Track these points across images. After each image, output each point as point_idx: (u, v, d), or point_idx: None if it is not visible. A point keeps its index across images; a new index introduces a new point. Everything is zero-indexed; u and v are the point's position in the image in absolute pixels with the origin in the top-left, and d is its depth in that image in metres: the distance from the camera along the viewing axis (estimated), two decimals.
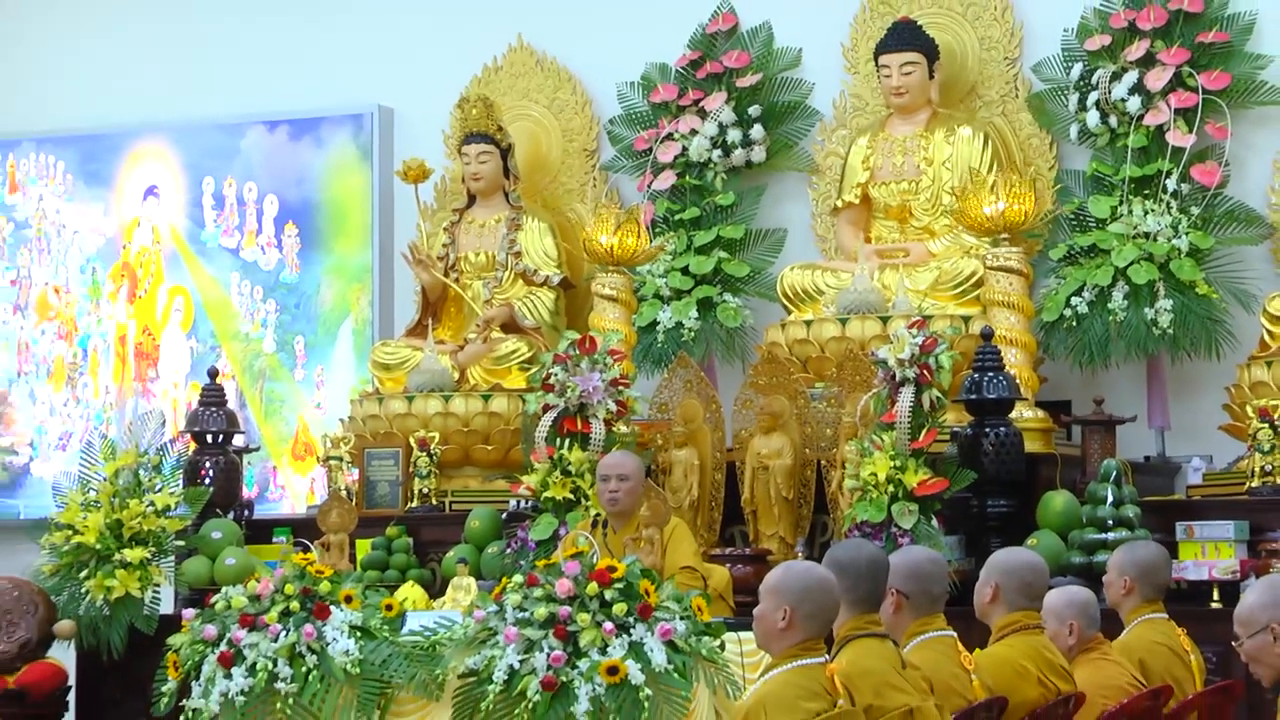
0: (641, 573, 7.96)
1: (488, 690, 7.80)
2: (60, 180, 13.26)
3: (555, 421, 10.16)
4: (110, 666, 10.44)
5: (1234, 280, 10.67)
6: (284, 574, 8.51)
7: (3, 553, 12.44)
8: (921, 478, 9.38)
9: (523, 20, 12.16)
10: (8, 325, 13.33)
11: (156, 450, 10.83)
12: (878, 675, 6.28)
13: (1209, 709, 7.49)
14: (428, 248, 11.71)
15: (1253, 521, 9.41)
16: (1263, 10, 10.81)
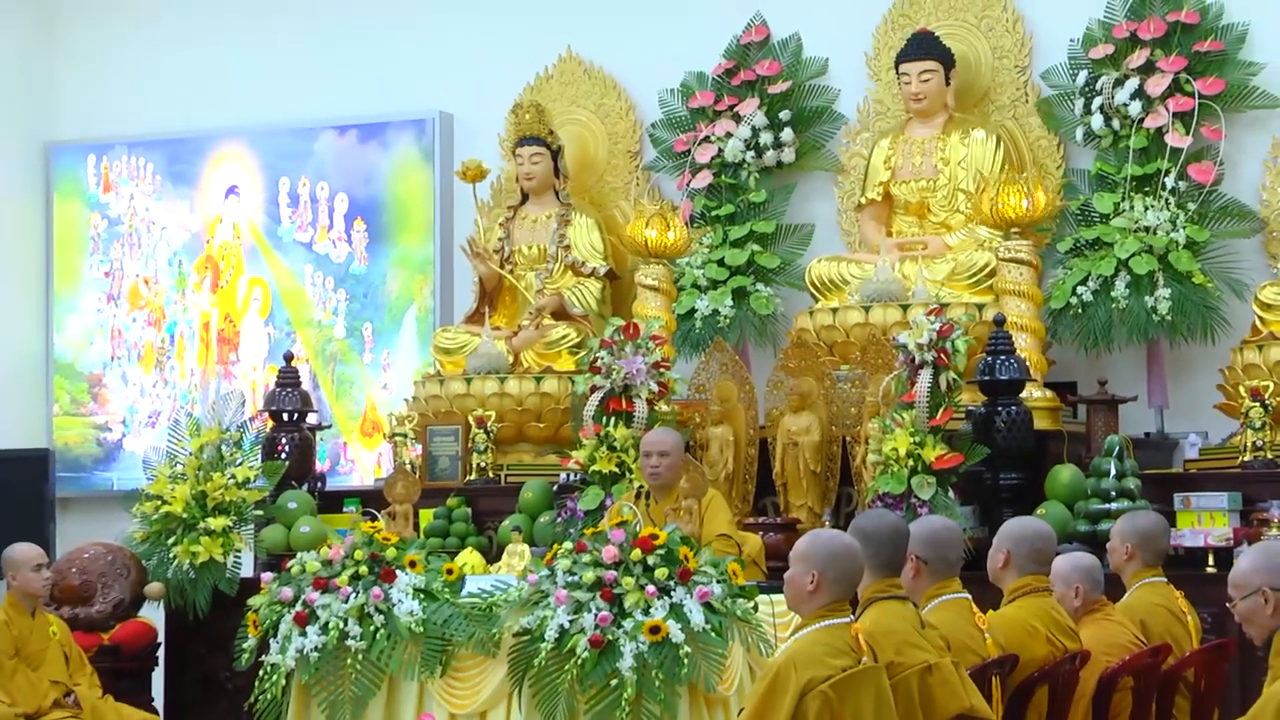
0: (681, 540, 7.97)
1: (540, 648, 7.81)
2: (149, 181, 13.28)
3: (602, 401, 10.19)
4: (195, 625, 10.49)
5: (1228, 270, 10.63)
6: (354, 541, 8.54)
7: (98, 521, 12.49)
8: (939, 453, 9.38)
9: (572, 33, 12.16)
10: (102, 314, 13.36)
11: (237, 427, 10.88)
12: (899, 634, 6.27)
13: (1204, 666, 7.46)
14: (485, 242, 11.72)
15: (1245, 493, 9.40)
16: (1254, 22, 10.77)
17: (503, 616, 8.10)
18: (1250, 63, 10.77)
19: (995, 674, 6.65)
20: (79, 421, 13.34)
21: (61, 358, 13.41)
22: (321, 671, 8.33)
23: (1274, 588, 5.83)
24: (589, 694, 7.75)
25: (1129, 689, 7.07)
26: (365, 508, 10.54)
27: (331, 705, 8.31)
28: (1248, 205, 10.71)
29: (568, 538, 8.65)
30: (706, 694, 7.76)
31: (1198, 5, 10.79)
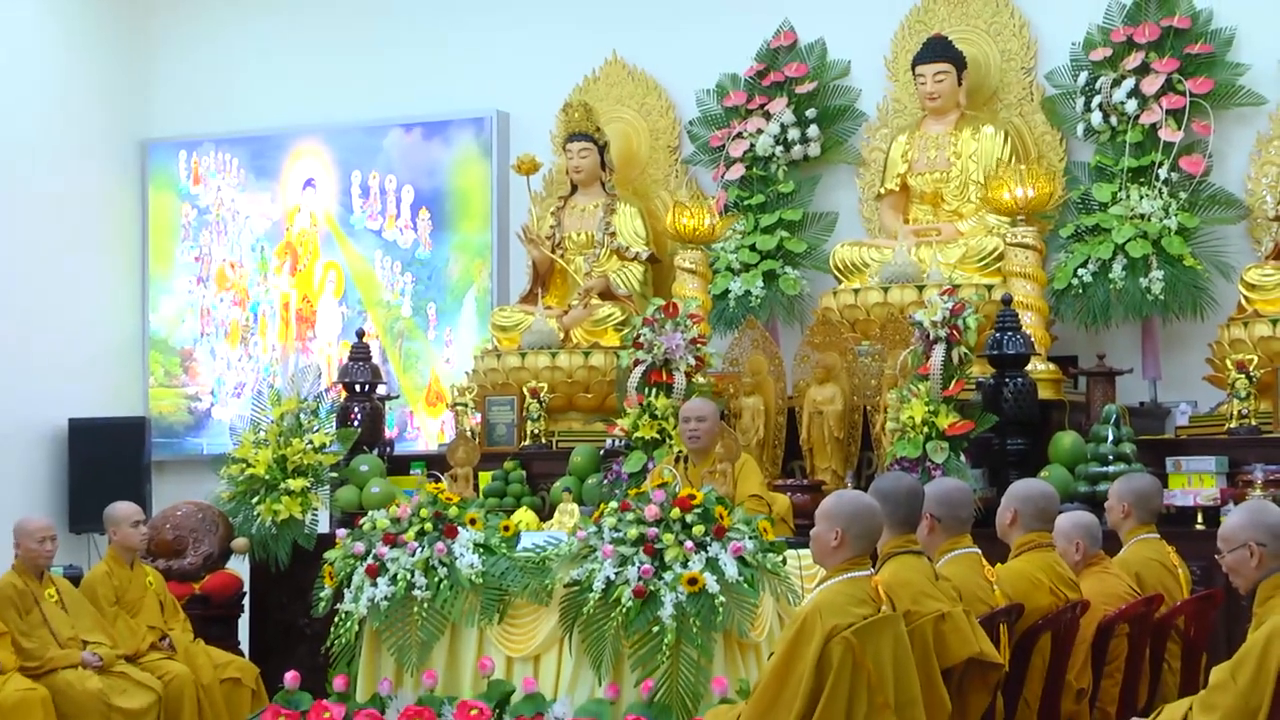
0: (717, 500, 7.97)
1: (589, 597, 7.81)
2: (235, 174, 13.31)
3: (644, 374, 10.20)
4: (277, 576, 10.53)
5: (1216, 254, 10.61)
6: (419, 500, 8.56)
7: (189, 482, 12.54)
8: (951, 420, 9.37)
9: (617, 38, 12.14)
10: (192, 294, 13.40)
11: (314, 398, 10.90)
12: (915, 586, 6.27)
13: (1194, 615, 7.45)
14: (538, 229, 11.72)
15: (1231, 457, 9.40)
16: (1241, 26, 10.73)
17: (554, 569, 8.11)
18: (1237, 64, 10.74)
19: (1003, 622, 6.63)
20: (172, 392, 13.38)
21: (156, 334, 13.46)
22: (391, 619, 8.36)
23: (1259, 543, 5.82)
24: (633, 639, 7.76)
25: (1125, 635, 7.06)
26: (430, 470, 10.56)
27: (400, 650, 8.33)
28: (1234, 194, 10.69)
29: (613, 497, 8.64)
30: (740, 640, 7.75)
31: (1189, 11, 10.77)
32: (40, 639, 9.26)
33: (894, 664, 5.95)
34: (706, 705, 7.46)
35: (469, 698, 8.15)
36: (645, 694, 7.71)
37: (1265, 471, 9.18)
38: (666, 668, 7.68)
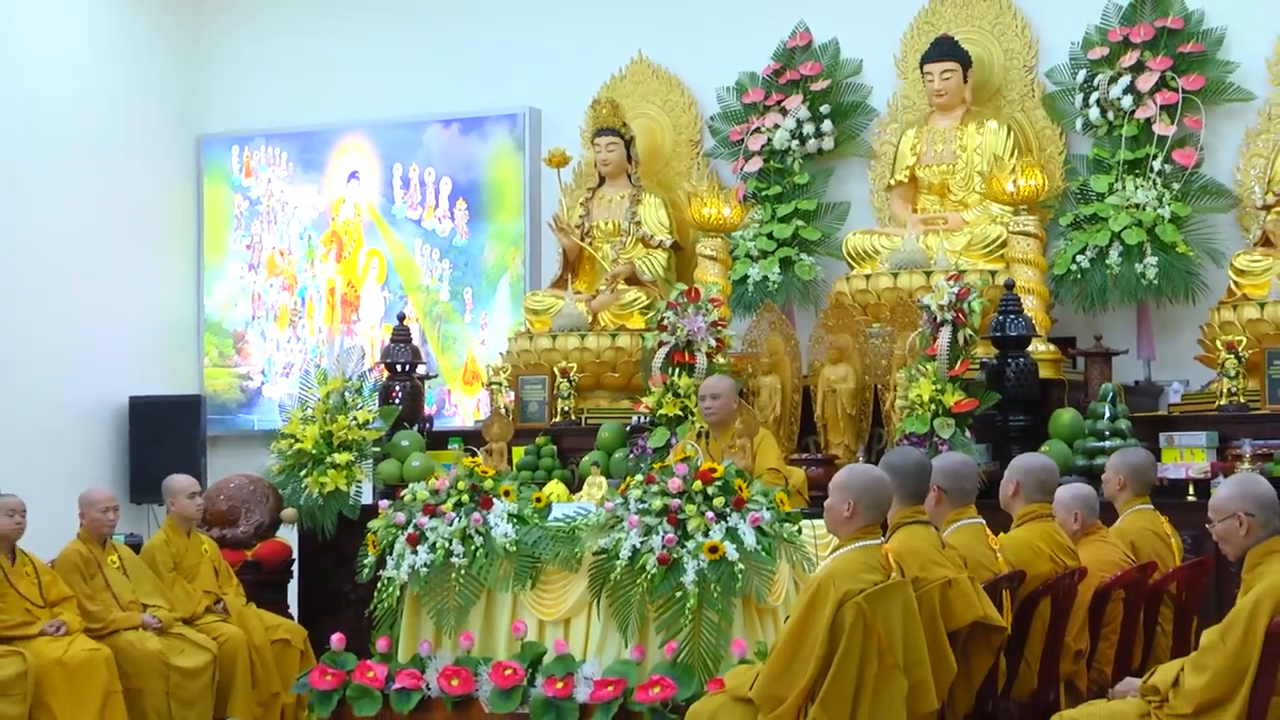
0: (736, 473, 7.97)
1: (615, 564, 7.82)
2: (283, 167, 13.31)
3: (668, 354, 10.19)
4: (323, 544, 10.55)
5: (1207, 241, 10.59)
6: (457, 473, 8.57)
7: (242, 456, 12.58)
8: (957, 398, 9.37)
9: (642, 39, 12.12)
10: (244, 280, 13.41)
11: (358, 377, 10.91)
12: (923, 554, 6.27)
13: (1185, 581, 7.45)
14: (568, 218, 11.72)
15: (1221, 432, 9.41)
16: (1230, 26, 10.70)
17: (584, 538, 8.11)
18: (1227, 62, 10.70)
19: (1005, 588, 6.63)
20: (225, 372, 13.41)
21: (211, 318, 13.48)
22: (430, 584, 8.37)
23: (1248, 513, 5.82)
24: (657, 604, 7.76)
25: (1120, 600, 7.06)
26: (467, 445, 10.57)
27: (439, 613, 8.35)
28: (1224, 185, 10.67)
29: (639, 471, 8.65)
30: (758, 604, 7.76)
31: (1181, 12, 10.74)
32: (104, 602, 9.30)
33: (903, 627, 5.95)
34: (726, 666, 7.46)
35: (504, 658, 8.17)
36: (669, 655, 7.72)
37: (1253, 446, 9.20)
38: (689, 630, 7.69)
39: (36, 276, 12.17)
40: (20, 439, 11.63)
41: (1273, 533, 5.83)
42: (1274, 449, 9.10)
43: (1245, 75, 10.68)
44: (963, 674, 6.32)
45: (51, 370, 12.21)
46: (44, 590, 9.08)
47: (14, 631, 8.81)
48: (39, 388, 12.10)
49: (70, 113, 12.57)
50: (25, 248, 12.12)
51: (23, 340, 11.99)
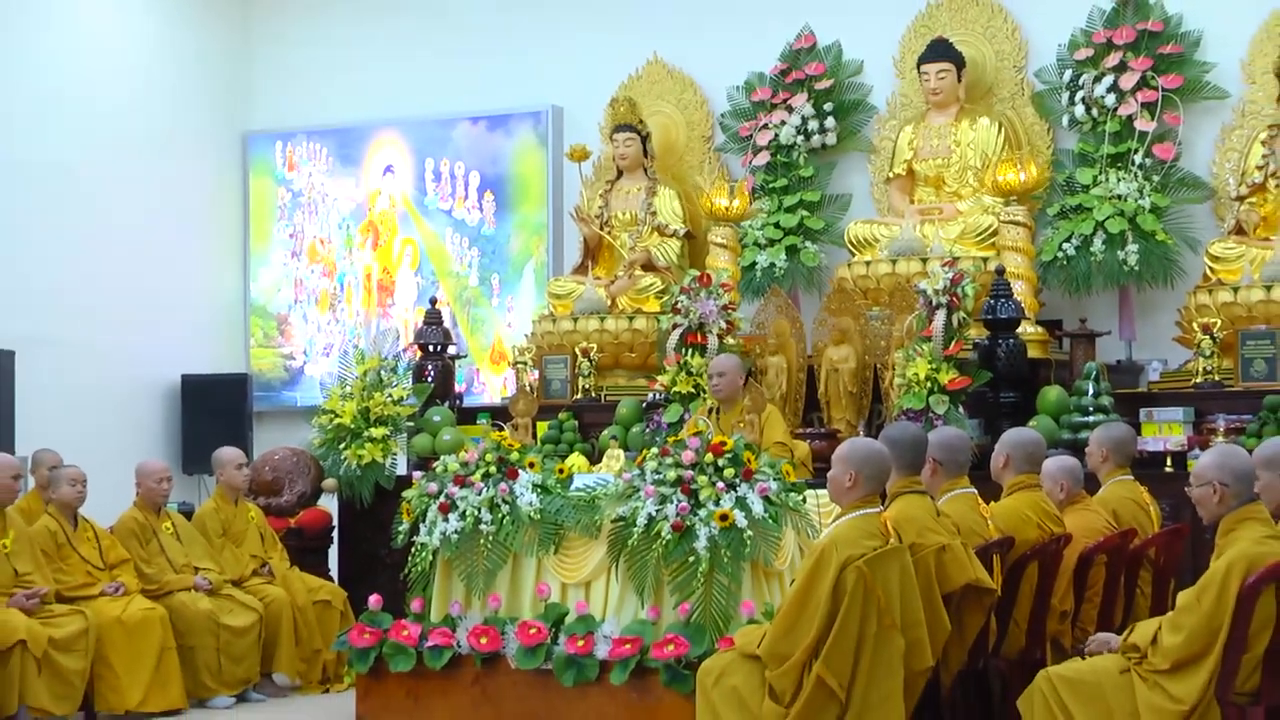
0: (745, 446, 7.96)
1: (632, 531, 7.81)
2: (324, 162, 13.32)
3: (681, 336, 10.18)
4: (361, 512, 10.57)
5: (1184, 230, 10.59)
6: (485, 446, 8.56)
7: (285, 430, 12.61)
8: (951, 376, 9.37)
9: (657, 42, 12.11)
10: (287, 266, 13.43)
11: (393, 357, 10.93)
12: (919, 521, 6.27)
13: (1163, 546, 7.45)
14: (588, 209, 11.72)
15: (1197, 408, 9.43)
16: (1207, 29, 10.71)
17: (603, 506, 8.11)
18: (1203, 62, 10.70)
19: (996, 553, 6.64)
20: (270, 352, 13.43)
21: (256, 301, 13.50)
22: (460, 550, 8.37)
23: (1223, 483, 5.83)
24: (671, 568, 7.76)
25: (1103, 564, 7.06)
26: (494, 420, 10.60)
27: (468, 576, 8.35)
28: (1201, 177, 10.67)
29: (655, 444, 8.65)
30: (765, 568, 7.75)
31: (1161, 16, 10.74)
32: (159, 566, 9.34)
33: (900, 589, 5.96)
34: (736, 625, 7.46)
35: (529, 618, 8.18)
36: (682, 615, 7.73)
37: (1226, 420, 9.22)
38: (701, 593, 7.69)
39: (98, 264, 12.20)
40: (82, 414, 11.67)
41: (1245, 502, 5.83)
42: (1246, 423, 9.11)
43: (1221, 75, 10.68)
44: (956, 633, 6.33)
45: (110, 351, 12.25)
46: (104, 554, 9.12)
47: (76, 592, 8.86)
48: (99, 367, 12.14)
49: (129, 113, 12.60)
50: (88, 238, 12.16)
51: (85, 324, 12.02)
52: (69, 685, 8.50)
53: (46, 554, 8.85)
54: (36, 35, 11.93)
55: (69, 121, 12.08)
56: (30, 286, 11.62)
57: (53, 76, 11.99)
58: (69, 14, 12.20)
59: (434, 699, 8.28)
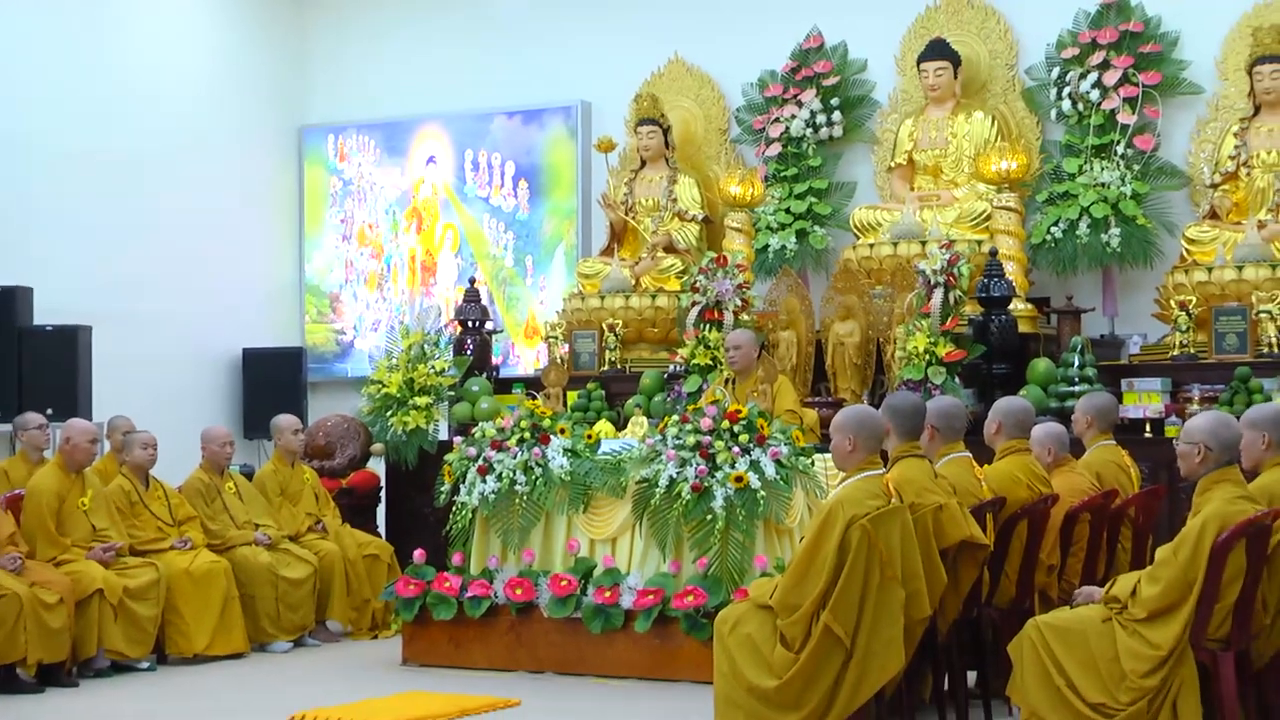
0: (758, 414, 7.98)
1: (655, 492, 7.86)
2: (372, 153, 13.31)
3: (700, 312, 10.20)
4: (406, 474, 10.60)
5: (1162, 214, 10.56)
6: (519, 414, 8.60)
7: (338, 399, 12.65)
8: (948, 350, 9.36)
9: (678, 42, 12.07)
10: (338, 249, 13.43)
11: (435, 332, 10.94)
12: (918, 483, 6.27)
13: (1142, 505, 7.44)
14: (614, 196, 11.71)
15: (1174, 378, 9.43)
16: (1184, 30, 10.67)
17: (628, 469, 8.14)
18: (1180, 60, 10.66)
19: (989, 512, 6.64)
20: (323, 327, 13.45)
21: (310, 281, 13.51)
22: (497, 508, 8.41)
23: (1208, 446, 5.81)
24: (691, 525, 7.79)
25: (1086, 522, 7.05)
26: (528, 390, 10.60)
27: (504, 533, 8.39)
28: (1178, 166, 10.65)
29: (675, 412, 8.66)
30: (776, 526, 7.78)
31: (1141, 17, 10.70)
32: (222, 522, 9.38)
33: (901, 545, 5.96)
34: (750, 578, 7.50)
35: (560, 571, 8.22)
36: (701, 569, 7.76)
37: (1200, 390, 9.23)
38: (718, 548, 7.72)
39: (167, 247, 12.23)
40: (153, 384, 11.70)
41: (1222, 465, 5.82)
42: (1219, 393, 9.10)
43: (1196, 72, 10.65)
44: (952, 585, 6.34)
45: (178, 326, 12.27)
46: (173, 511, 9.17)
47: (148, 546, 8.91)
48: (168, 341, 12.17)
49: (196, 110, 12.60)
50: (158, 223, 12.18)
51: (155, 302, 12.05)
52: (142, 631, 8.56)
53: (121, 511, 8.91)
54: (113, 40, 11.96)
55: (141, 117, 12.10)
56: (106, 268, 11.66)
57: (127, 76, 12.01)
58: (143, 20, 12.22)
59: (473, 645, 8.33)
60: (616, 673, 7.92)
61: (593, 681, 7.90)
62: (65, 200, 11.50)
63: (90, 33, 11.79)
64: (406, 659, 8.52)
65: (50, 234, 11.35)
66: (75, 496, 8.63)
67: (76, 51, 11.66)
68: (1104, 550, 7.16)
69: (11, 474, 9.13)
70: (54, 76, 11.46)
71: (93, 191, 11.69)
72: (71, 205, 11.53)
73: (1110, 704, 5.61)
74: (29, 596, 7.93)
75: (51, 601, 8.03)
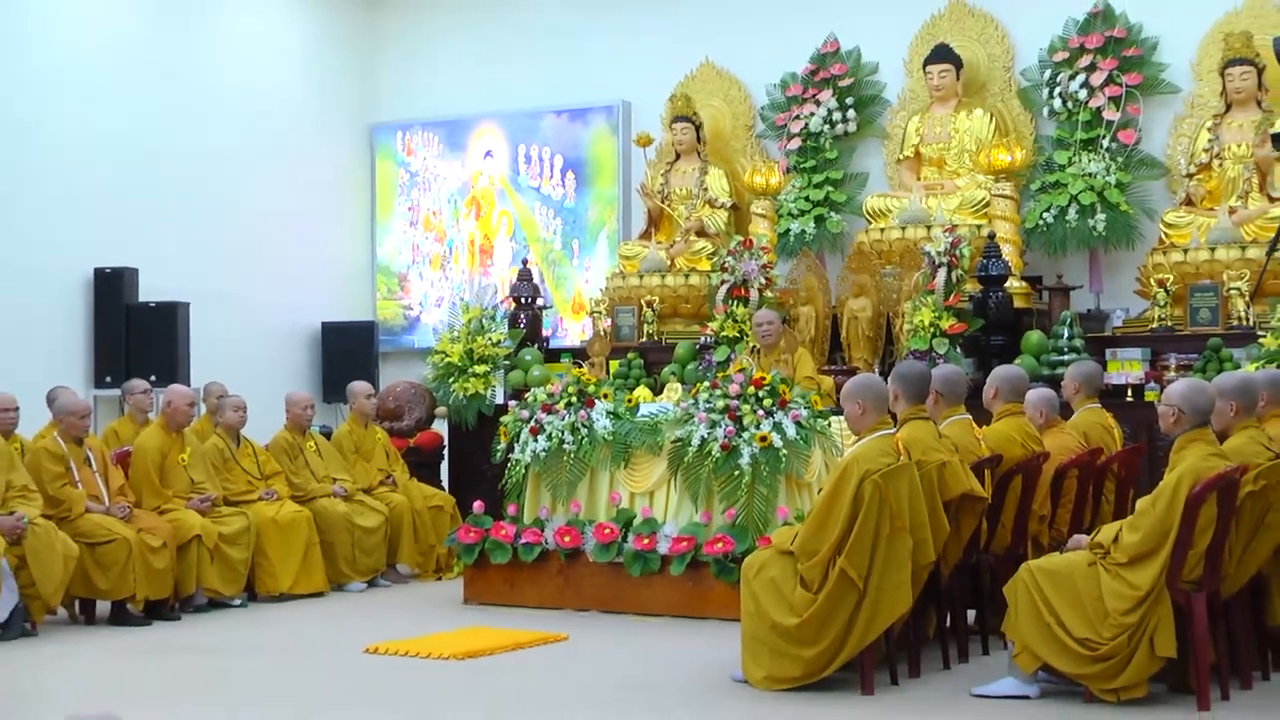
0: (780, 380, 7.98)
1: (688, 450, 7.87)
2: (435, 148, 13.33)
3: (728, 290, 10.21)
4: (467, 434, 10.65)
5: (1143, 201, 10.52)
6: (567, 380, 8.61)
7: (406, 367, 12.69)
8: (951, 323, 9.35)
9: (708, 48, 12.03)
10: (406, 234, 13.45)
11: (492, 307, 10.98)
12: (924, 442, 6.28)
13: (1124, 462, 7.44)
14: (651, 186, 11.70)
15: (1153, 349, 9.40)
16: (1162, 36, 10.61)
17: (664, 430, 8.16)
18: (1159, 63, 10.61)
19: (987, 468, 6.64)
20: (392, 303, 13.49)
21: (381, 263, 13.54)
22: (547, 465, 8.43)
23: (1183, 410, 5.81)
24: (720, 480, 7.81)
25: (1074, 477, 7.06)
26: (575, 359, 10.63)
27: (554, 487, 8.42)
28: (1157, 158, 10.60)
29: (706, 378, 8.68)
30: (797, 480, 7.79)
31: (1125, 25, 10.65)
32: (304, 477, 9.44)
33: (909, 498, 5.98)
34: (773, 526, 7.50)
35: (603, 520, 8.25)
36: (729, 519, 7.78)
37: (1177, 359, 9.20)
38: (744, 500, 7.74)
39: (254, 233, 12.29)
40: (243, 354, 11.77)
41: (1196, 426, 5.81)
42: (1193, 361, 9.06)
43: (1174, 73, 10.60)
44: (954, 534, 6.35)
45: (264, 303, 12.33)
46: (261, 467, 9.23)
47: (240, 497, 8.98)
48: (257, 317, 12.23)
49: (279, 111, 12.64)
50: (247, 211, 12.24)
51: (245, 281, 12.12)
52: (235, 571, 8.63)
53: (215, 467, 8.97)
54: (211, 51, 12.02)
55: (234, 118, 12.15)
56: (201, 252, 11.73)
57: (223, 83, 12.07)
58: (237, 33, 12.27)
59: (526, 586, 8.37)
60: (654, 611, 7.94)
61: (632, 619, 7.92)
62: (167, 191, 11.58)
63: (190, 45, 11.87)
64: (467, 598, 8.57)
65: (154, 222, 11.44)
66: (176, 453, 8.70)
67: (178, 61, 11.73)
68: (1090, 502, 7.16)
69: (121, 433, 9.23)
70: (158, 83, 11.53)
71: (191, 184, 11.76)
72: (172, 196, 11.61)
73: (1095, 639, 5.63)
74: (137, 541, 8.02)
75: (156, 545, 8.11)
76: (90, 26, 11.12)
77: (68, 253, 10.84)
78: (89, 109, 11.02)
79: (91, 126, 11.02)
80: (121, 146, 11.23)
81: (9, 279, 10.43)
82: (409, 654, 6.89)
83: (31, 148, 10.65)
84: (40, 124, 10.70)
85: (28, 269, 10.57)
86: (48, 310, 10.74)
